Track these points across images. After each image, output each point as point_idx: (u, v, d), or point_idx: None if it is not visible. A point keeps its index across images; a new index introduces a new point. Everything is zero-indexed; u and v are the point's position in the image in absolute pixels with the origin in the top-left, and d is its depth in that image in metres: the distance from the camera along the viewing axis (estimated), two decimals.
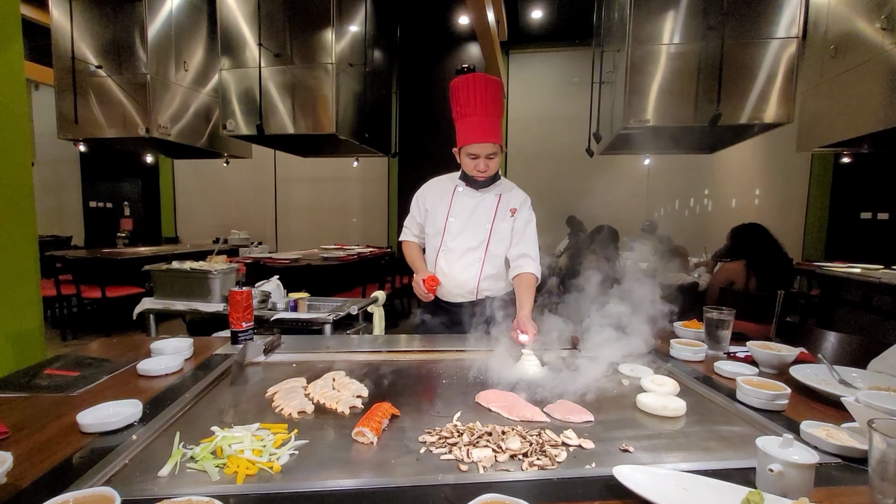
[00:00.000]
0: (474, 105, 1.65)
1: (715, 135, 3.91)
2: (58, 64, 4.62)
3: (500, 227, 1.81)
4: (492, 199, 1.83)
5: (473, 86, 1.66)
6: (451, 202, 1.83)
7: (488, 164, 1.71)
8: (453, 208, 1.82)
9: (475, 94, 1.66)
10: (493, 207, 1.82)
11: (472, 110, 1.66)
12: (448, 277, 1.83)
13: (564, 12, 6.32)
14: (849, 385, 1.15)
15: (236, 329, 1.49)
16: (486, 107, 1.66)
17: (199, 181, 8.41)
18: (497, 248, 1.82)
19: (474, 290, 1.84)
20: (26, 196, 2.38)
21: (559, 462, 0.84)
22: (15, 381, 1.18)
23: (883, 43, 2.96)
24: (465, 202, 1.83)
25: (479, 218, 1.82)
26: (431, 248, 1.88)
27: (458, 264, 1.81)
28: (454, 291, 1.85)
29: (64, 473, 0.77)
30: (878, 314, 3.82)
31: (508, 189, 1.88)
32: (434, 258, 1.85)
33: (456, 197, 1.84)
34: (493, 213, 1.82)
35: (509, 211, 1.84)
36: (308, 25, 4.23)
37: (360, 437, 0.91)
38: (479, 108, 1.65)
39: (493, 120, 1.67)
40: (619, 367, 1.36)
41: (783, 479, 0.70)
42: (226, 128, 4.44)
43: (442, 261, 1.84)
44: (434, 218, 1.86)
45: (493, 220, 1.81)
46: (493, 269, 1.84)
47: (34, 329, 2.41)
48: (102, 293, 4.61)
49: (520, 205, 1.86)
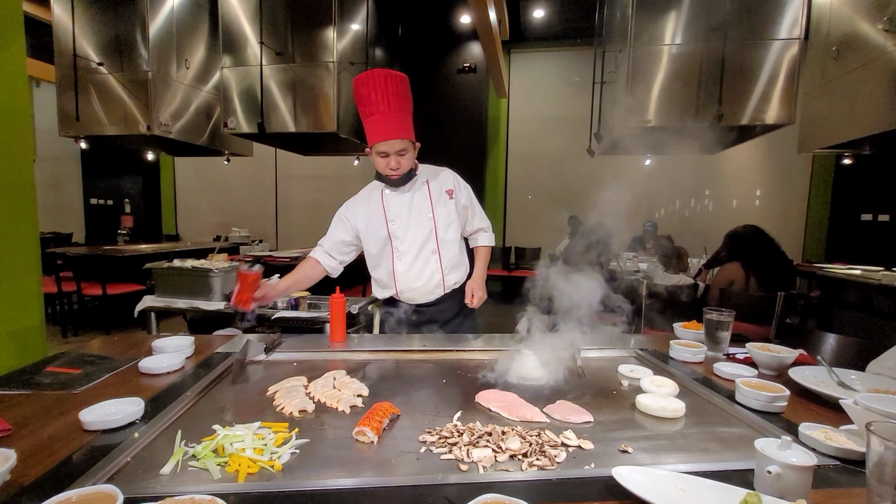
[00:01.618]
0: (377, 102, 1.59)
1: (716, 136, 3.91)
2: (59, 61, 4.62)
3: (441, 213, 1.77)
4: (422, 189, 1.78)
5: (374, 82, 1.59)
6: (383, 208, 1.77)
7: (400, 161, 1.65)
8: (389, 212, 1.76)
9: (376, 90, 1.58)
10: (427, 196, 1.78)
11: (375, 108, 1.59)
12: (412, 280, 1.78)
13: (566, 12, 6.32)
14: (847, 387, 1.16)
15: (244, 310, 1.49)
16: (390, 103, 1.59)
17: (200, 179, 8.41)
18: (446, 233, 1.79)
19: (441, 284, 1.80)
20: (28, 192, 2.38)
21: (559, 462, 0.84)
22: (17, 378, 1.19)
23: (885, 44, 2.96)
24: (398, 201, 1.77)
25: (418, 211, 1.77)
26: (382, 261, 1.81)
27: (417, 264, 1.77)
28: (422, 292, 1.81)
29: (67, 471, 0.77)
30: (878, 316, 3.83)
31: (432, 173, 1.83)
32: (391, 268, 1.79)
33: (386, 201, 1.77)
34: (429, 202, 1.77)
35: (445, 193, 1.80)
36: (309, 24, 4.23)
37: (360, 437, 0.92)
38: (381, 105, 1.58)
39: (399, 115, 1.61)
40: (618, 368, 1.37)
41: (781, 481, 0.71)
42: (227, 126, 4.44)
43: (400, 266, 1.78)
44: (373, 232, 1.78)
45: (431, 208, 1.77)
46: (452, 258, 1.81)
47: (35, 326, 2.42)
48: (103, 290, 4.62)
49: (453, 184, 1.83)
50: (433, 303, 1.84)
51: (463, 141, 6.34)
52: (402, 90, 1.63)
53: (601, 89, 4.84)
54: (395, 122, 1.61)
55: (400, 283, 1.80)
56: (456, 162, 1.89)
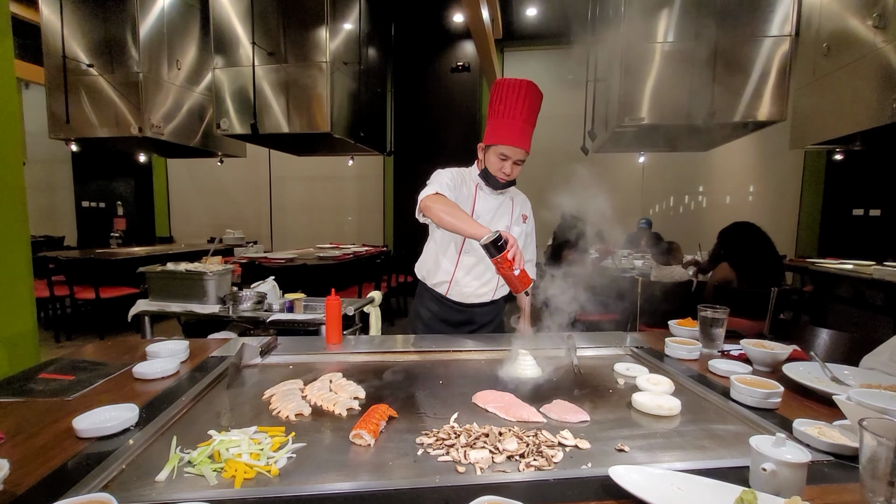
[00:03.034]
0: (521, 110, 1.64)
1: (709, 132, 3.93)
2: (48, 62, 4.58)
3: (515, 231, 1.82)
4: (508, 203, 1.84)
5: (523, 91, 1.65)
6: (474, 199, 1.80)
7: (514, 168, 1.71)
8: (477, 206, 1.79)
9: (525, 99, 1.64)
10: (510, 211, 1.84)
11: (517, 113, 1.64)
12: (470, 279, 1.81)
13: (559, 10, 6.32)
14: (841, 383, 1.17)
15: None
16: (530, 115, 1.66)
17: (193, 180, 8.36)
18: None
19: (493, 291, 1.85)
20: (18, 196, 2.36)
21: (556, 463, 0.84)
22: (9, 385, 1.17)
23: (875, 41, 2.98)
24: (488, 202, 1.81)
25: (499, 220, 1.81)
26: (449, 248, 1.82)
27: (479, 266, 1.80)
28: (474, 293, 1.83)
29: (60, 479, 0.76)
30: (869, 310, 3.87)
31: (517, 194, 1.91)
32: (456, 256, 1.80)
33: (479, 195, 1.81)
34: (510, 217, 1.83)
35: (521, 216, 1.87)
36: (302, 24, 4.21)
37: (357, 440, 0.91)
38: (524, 113, 1.65)
39: (530, 129, 1.68)
40: (614, 366, 1.38)
41: (776, 478, 0.71)
42: (220, 127, 4.42)
43: (465, 260, 1.80)
44: None
45: (511, 223, 1.83)
46: None
47: (28, 332, 2.39)
48: (96, 294, 4.58)
49: (529, 211, 1.91)
50: (477, 305, 1.87)
51: (457, 139, 6.33)
52: (538, 107, 1.69)
53: (594, 87, 4.85)
54: (527, 133, 1.67)
55: (458, 275, 1.82)
56: (450, 161, 1.89)
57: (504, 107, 1.66)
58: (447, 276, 1.82)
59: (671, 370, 1.34)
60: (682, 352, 1.46)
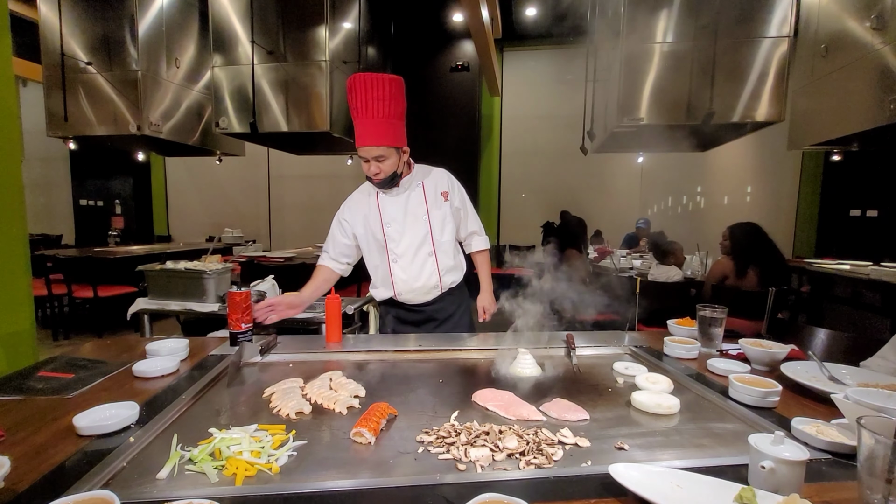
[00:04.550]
0: (360, 107, 1.59)
1: (707, 133, 3.94)
2: (46, 60, 4.55)
3: (436, 215, 1.78)
4: (417, 191, 1.79)
5: (359, 86, 1.58)
6: (379, 210, 1.77)
7: (379, 166, 1.64)
8: (384, 215, 1.76)
9: (360, 94, 1.58)
10: (422, 197, 1.78)
11: (358, 112, 1.60)
12: (410, 282, 1.79)
13: (558, 10, 6.33)
14: (838, 382, 1.17)
15: (235, 330, 1.49)
16: (372, 108, 1.58)
17: (192, 179, 8.34)
18: (442, 235, 1.80)
19: (438, 285, 1.82)
20: (16, 194, 2.35)
21: (556, 460, 0.85)
22: (9, 383, 1.17)
23: (872, 42, 2.99)
24: (393, 203, 1.77)
25: (413, 213, 1.77)
26: (380, 263, 1.82)
27: (413, 266, 1.78)
28: (420, 293, 1.82)
29: (61, 477, 0.76)
30: (867, 310, 3.88)
31: (427, 174, 1.83)
32: (388, 271, 1.79)
33: (382, 202, 1.77)
34: (424, 204, 1.78)
35: (440, 196, 1.80)
36: (301, 22, 4.20)
37: (358, 438, 0.92)
38: (363, 110, 1.59)
39: (380, 121, 1.60)
40: (613, 365, 1.38)
41: (775, 476, 0.72)
42: (218, 125, 4.40)
43: (397, 269, 1.78)
44: (369, 235, 1.79)
45: (427, 210, 1.78)
46: (448, 259, 1.83)
47: (26, 330, 2.39)
48: (94, 292, 4.56)
49: (448, 186, 1.84)
50: (431, 302, 1.85)
51: (456, 139, 6.33)
52: (389, 94, 1.60)
53: (593, 87, 4.85)
54: (374, 127, 1.60)
55: (398, 285, 1.80)
56: (449, 160, 1.90)
57: (352, 108, 1.62)
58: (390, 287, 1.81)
59: (670, 369, 1.35)
60: (680, 351, 1.46)
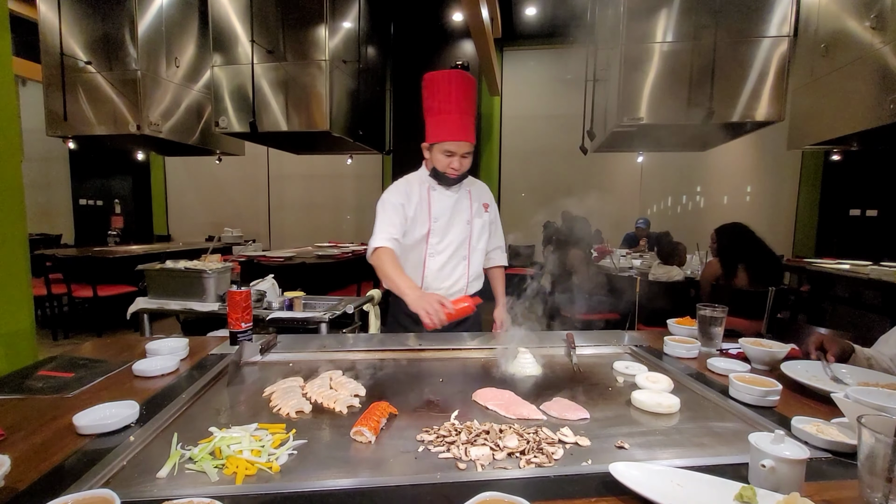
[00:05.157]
0: (455, 102, 1.62)
1: (707, 132, 3.94)
2: (46, 59, 4.55)
3: (477, 223, 1.82)
4: (465, 196, 1.83)
5: (452, 82, 1.62)
6: (429, 203, 1.78)
7: (463, 162, 1.69)
8: (433, 209, 1.77)
9: (455, 91, 1.62)
10: (469, 204, 1.82)
11: (451, 107, 1.63)
12: (441, 280, 1.81)
13: (558, 10, 6.33)
14: (839, 381, 1.17)
15: (235, 329, 1.49)
16: (463, 105, 1.63)
17: (191, 178, 8.33)
18: (478, 243, 1.85)
19: (464, 290, 1.84)
20: (16, 194, 2.35)
21: (556, 459, 0.85)
22: (9, 382, 1.17)
23: (872, 42, 3.00)
24: (444, 201, 1.79)
25: (459, 216, 1.80)
26: (416, 254, 1.81)
27: (448, 266, 1.79)
28: (445, 292, 1.81)
29: (62, 476, 0.76)
30: (866, 310, 3.89)
31: (473, 183, 1.88)
32: (421, 263, 1.80)
33: (433, 197, 1.79)
34: (470, 211, 1.82)
35: (482, 206, 1.86)
36: (301, 22, 4.20)
37: (358, 437, 0.92)
38: (457, 105, 1.62)
39: (470, 119, 1.66)
40: (614, 364, 1.38)
41: (775, 475, 0.72)
42: (218, 125, 4.40)
43: (432, 264, 1.80)
44: (415, 222, 1.78)
45: (472, 216, 1.81)
46: (478, 266, 1.87)
47: (26, 330, 2.39)
48: (94, 292, 4.56)
49: (489, 199, 1.90)
50: None
51: None
52: (473, 94, 1.67)
53: (594, 87, 4.85)
54: (467, 125, 1.65)
55: (427, 279, 1.81)
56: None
57: (437, 102, 1.64)
58: (420, 277, 1.81)
59: (670, 368, 1.35)
60: (681, 350, 1.46)
